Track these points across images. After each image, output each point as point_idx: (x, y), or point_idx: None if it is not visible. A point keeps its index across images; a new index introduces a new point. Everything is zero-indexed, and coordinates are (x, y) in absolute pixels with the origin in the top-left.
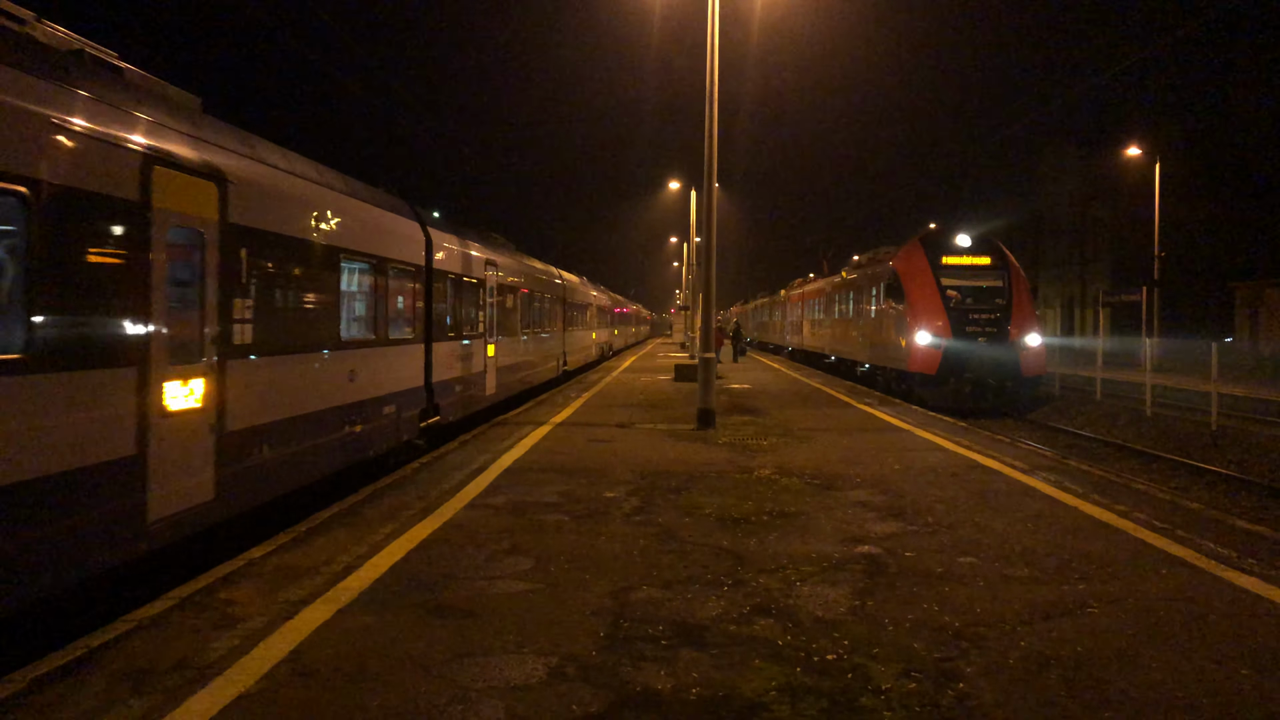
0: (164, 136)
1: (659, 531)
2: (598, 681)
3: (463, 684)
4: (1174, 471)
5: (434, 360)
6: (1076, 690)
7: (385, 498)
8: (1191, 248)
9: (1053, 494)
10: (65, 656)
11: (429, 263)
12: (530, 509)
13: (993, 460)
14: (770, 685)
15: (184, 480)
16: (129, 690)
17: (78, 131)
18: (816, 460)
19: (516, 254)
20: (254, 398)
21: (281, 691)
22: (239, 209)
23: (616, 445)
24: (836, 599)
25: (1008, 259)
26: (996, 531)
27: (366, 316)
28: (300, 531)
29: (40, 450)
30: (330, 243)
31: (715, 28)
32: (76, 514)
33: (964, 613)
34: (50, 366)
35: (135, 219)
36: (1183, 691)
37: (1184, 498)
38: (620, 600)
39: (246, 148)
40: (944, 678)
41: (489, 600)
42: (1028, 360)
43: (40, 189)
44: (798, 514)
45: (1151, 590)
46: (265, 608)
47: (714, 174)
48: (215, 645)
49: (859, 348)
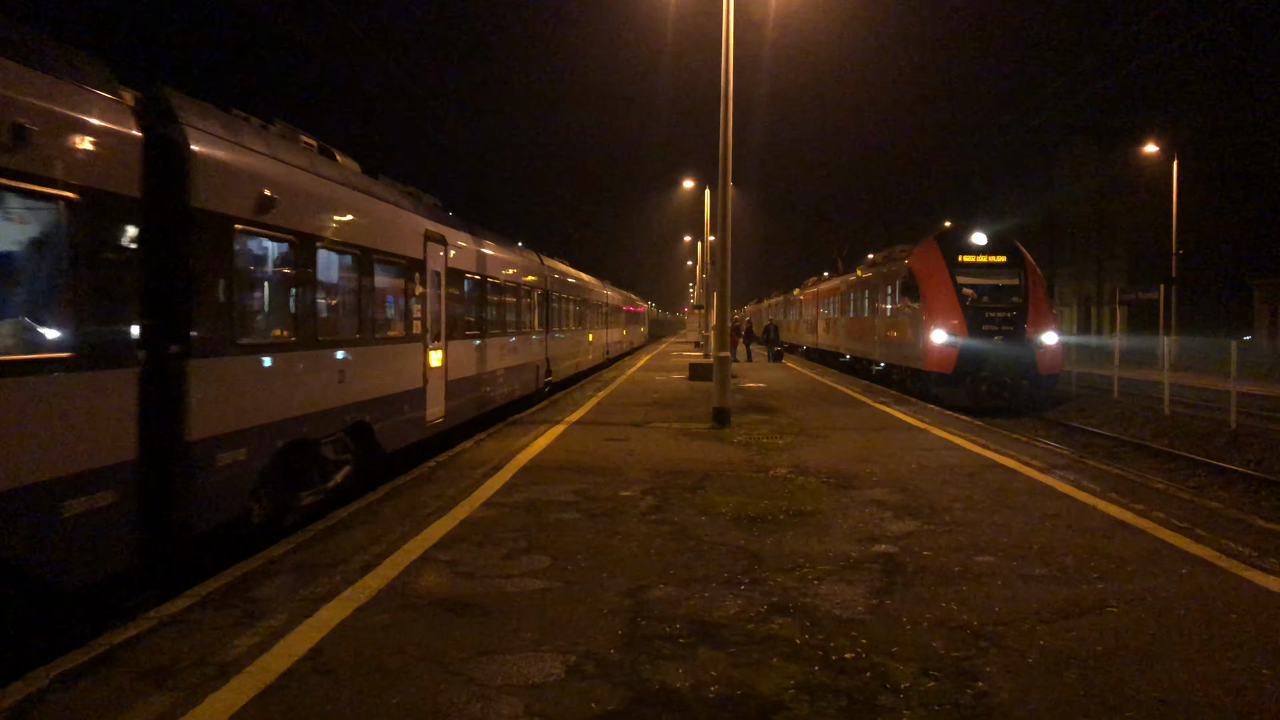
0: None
1: (675, 530)
2: (616, 679)
3: (481, 681)
4: (1193, 470)
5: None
6: (1097, 689)
7: (403, 496)
8: (1209, 245)
9: (1071, 493)
10: (87, 654)
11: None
12: (546, 507)
13: (1010, 459)
14: (789, 684)
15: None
16: (152, 686)
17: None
18: (833, 459)
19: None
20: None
21: (302, 688)
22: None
23: (631, 444)
24: (854, 598)
25: (1024, 257)
26: (1014, 530)
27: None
28: (319, 530)
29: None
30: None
31: (730, 26)
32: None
33: (982, 612)
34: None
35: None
36: (1203, 692)
37: (1203, 497)
38: (637, 599)
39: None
40: (963, 676)
41: (507, 598)
42: (1044, 359)
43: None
44: (814, 513)
45: (1171, 589)
46: (285, 605)
47: (729, 173)
48: (236, 642)
49: (874, 346)
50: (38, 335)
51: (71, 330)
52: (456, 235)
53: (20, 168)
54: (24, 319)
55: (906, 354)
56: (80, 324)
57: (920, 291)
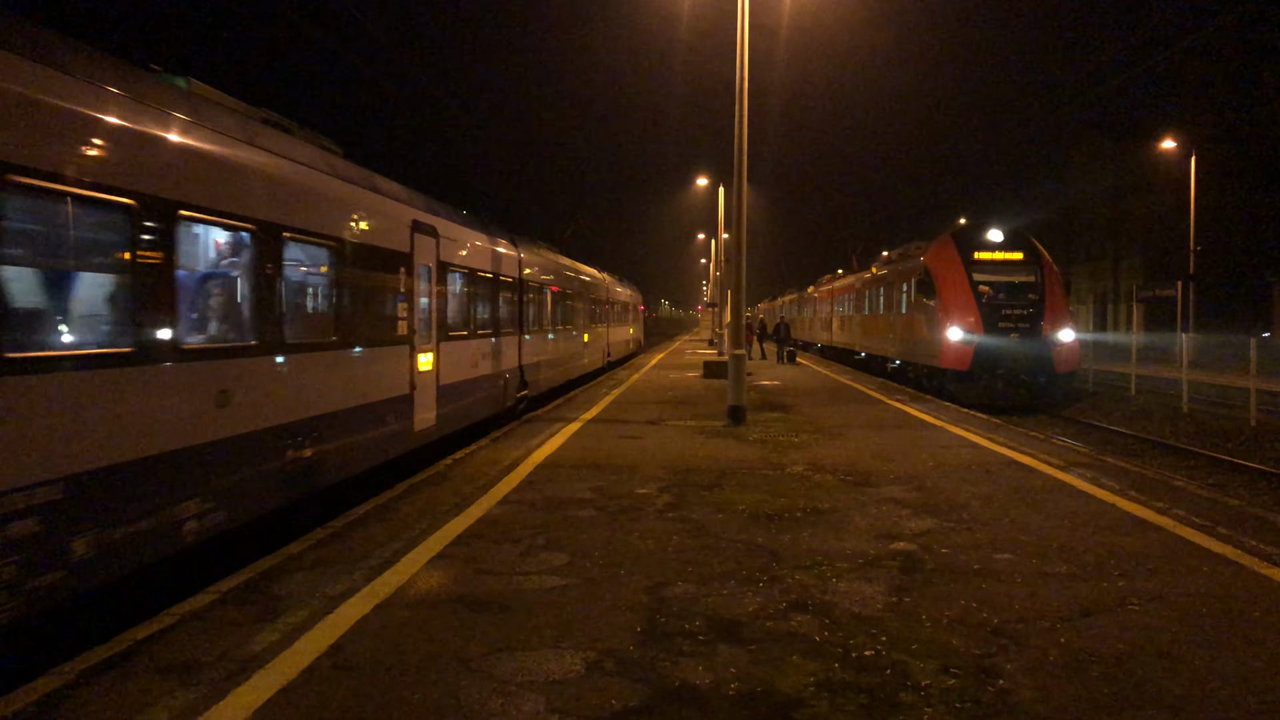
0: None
1: (692, 527)
2: (636, 676)
3: (502, 678)
4: (1212, 468)
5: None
6: (1119, 687)
7: (420, 494)
8: (1227, 241)
9: (1089, 490)
10: (111, 649)
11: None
12: (563, 505)
13: (1027, 456)
14: (809, 681)
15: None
16: (175, 682)
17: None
18: (849, 456)
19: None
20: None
21: (324, 684)
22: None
23: (647, 441)
24: (873, 595)
25: (1040, 254)
26: (1033, 528)
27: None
28: (337, 527)
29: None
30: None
31: (745, 22)
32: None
33: (1002, 609)
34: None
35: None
36: (1227, 690)
37: (1223, 494)
38: (656, 596)
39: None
40: (984, 674)
41: (525, 595)
42: (1061, 356)
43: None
44: (831, 510)
45: (1193, 587)
46: (305, 602)
47: (744, 170)
48: (257, 639)
49: (889, 344)
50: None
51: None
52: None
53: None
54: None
55: (922, 351)
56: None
57: (936, 289)
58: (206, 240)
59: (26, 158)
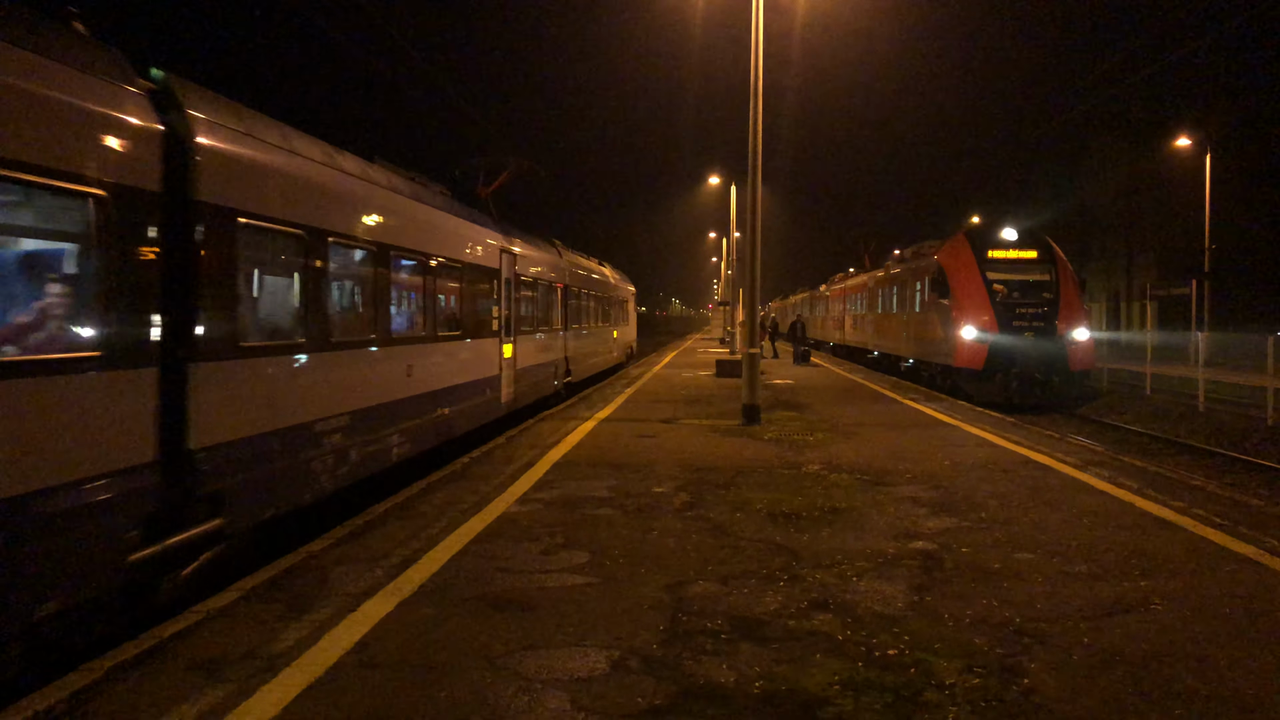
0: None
1: (711, 527)
2: (660, 674)
3: (526, 676)
4: (1230, 467)
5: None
6: (1144, 687)
7: (439, 492)
8: (1242, 239)
9: (1107, 489)
10: (139, 646)
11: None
12: (582, 503)
13: (1043, 455)
14: (833, 679)
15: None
16: (204, 678)
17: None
18: (865, 455)
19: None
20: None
21: (350, 682)
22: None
23: (662, 440)
24: (894, 594)
25: (1054, 252)
26: (1052, 527)
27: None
28: (357, 525)
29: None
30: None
31: (760, 20)
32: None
33: (1025, 609)
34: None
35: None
36: (1253, 690)
37: (1243, 494)
38: (677, 594)
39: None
40: (1008, 674)
41: (547, 593)
42: (1076, 354)
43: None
44: (849, 509)
45: (1216, 587)
46: (329, 600)
47: (759, 169)
48: (283, 636)
49: (903, 342)
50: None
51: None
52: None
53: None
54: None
55: (936, 350)
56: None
57: (950, 287)
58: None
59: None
